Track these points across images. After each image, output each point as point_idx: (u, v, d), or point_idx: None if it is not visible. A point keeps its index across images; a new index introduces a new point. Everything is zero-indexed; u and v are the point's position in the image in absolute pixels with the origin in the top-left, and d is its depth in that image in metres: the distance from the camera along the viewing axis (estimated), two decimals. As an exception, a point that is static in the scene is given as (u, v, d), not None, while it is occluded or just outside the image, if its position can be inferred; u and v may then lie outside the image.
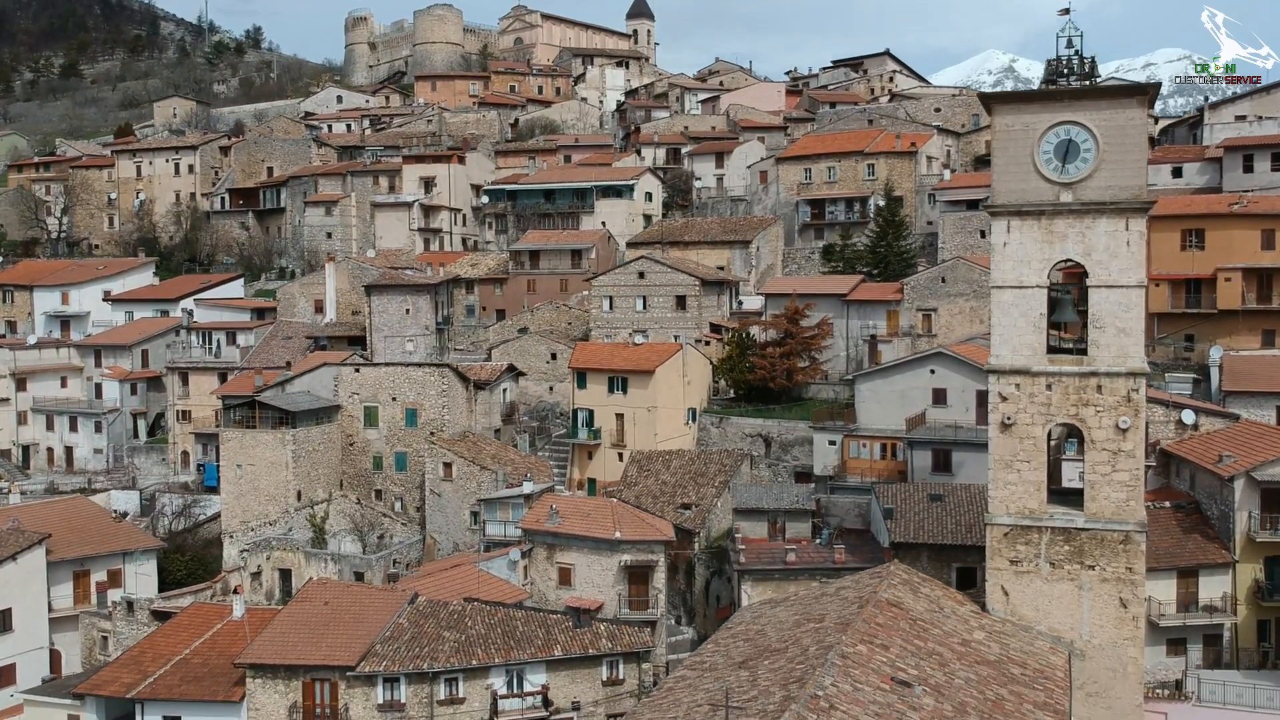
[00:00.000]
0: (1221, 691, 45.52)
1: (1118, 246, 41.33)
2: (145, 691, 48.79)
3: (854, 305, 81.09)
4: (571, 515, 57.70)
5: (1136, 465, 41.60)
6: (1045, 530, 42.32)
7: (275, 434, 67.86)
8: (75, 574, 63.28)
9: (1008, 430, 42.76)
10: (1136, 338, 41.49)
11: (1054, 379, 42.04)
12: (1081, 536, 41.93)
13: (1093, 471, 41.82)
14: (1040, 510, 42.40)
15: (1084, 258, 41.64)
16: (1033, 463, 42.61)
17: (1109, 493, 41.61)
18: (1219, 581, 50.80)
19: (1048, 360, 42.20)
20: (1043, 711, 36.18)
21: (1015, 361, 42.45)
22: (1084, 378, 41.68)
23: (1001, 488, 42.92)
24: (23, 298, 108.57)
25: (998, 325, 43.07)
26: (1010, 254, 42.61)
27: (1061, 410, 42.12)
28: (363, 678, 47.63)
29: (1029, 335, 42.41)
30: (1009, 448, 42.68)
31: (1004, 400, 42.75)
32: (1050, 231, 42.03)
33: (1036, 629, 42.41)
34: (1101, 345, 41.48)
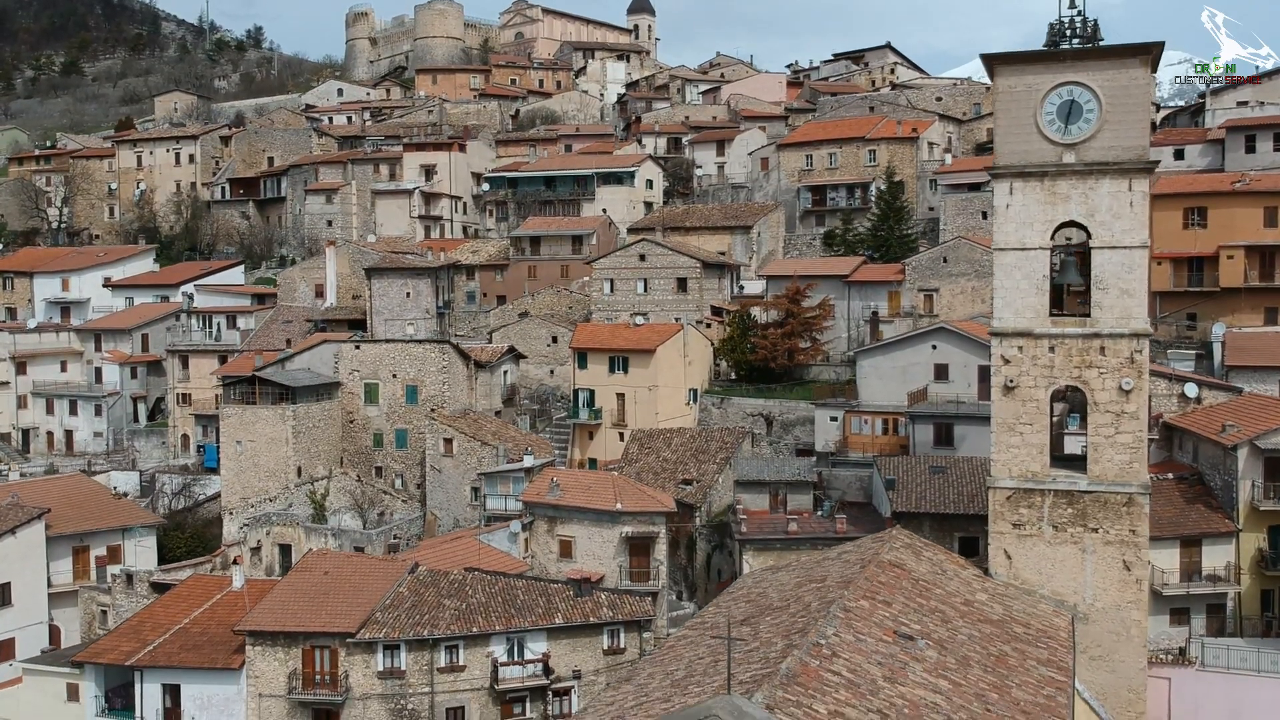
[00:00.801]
0: (1225, 656, 45.31)
1: (1120, 207, 41.18)
2: (144, 659, 48.62)
3: (855, 286, 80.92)
4: (572, 488, 57.52)
5: (1140, 427, 41.41)
6: (1048, 493, 42.15)
7: (275, 410, 67.67)
8: (75, 549, 63.11)
9: (1010, 393, 42.59)
10: (1139, 299, 41.32)
11: (1057, 341, 41.87)
12: (1084, 499, 41.77)
13: (1095, 434, 41.66)
14: (1043, 473, 42.23)
15: (1087, 219, 41.50)
16: (1035, 425, 42.45)
17: (1112, 455, 41.43)
18: (1222, 551, 50.59)
19: (1050, 322, 42.06)
20: (1046, 668, 35.99)
21: (1018, 324, 42.28)
22: (1087, 339, 41.51)
23: (1004, 451, 42.75)
24: (23, 284, 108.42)
25: (1000, 288, 42.90)
26: (1013, 216, 42.45)
27: (1064, 372, 41.95)
28: (363, 644, 47.44)
29: (1031, 297, 42.23)
30: (1011, 410, 42.51)
31: (1006, 363, 42.59)
32: (1053, 193, 41.87)
33: (1039, 592, 42.18)
34: (1104, 307, 41.30)
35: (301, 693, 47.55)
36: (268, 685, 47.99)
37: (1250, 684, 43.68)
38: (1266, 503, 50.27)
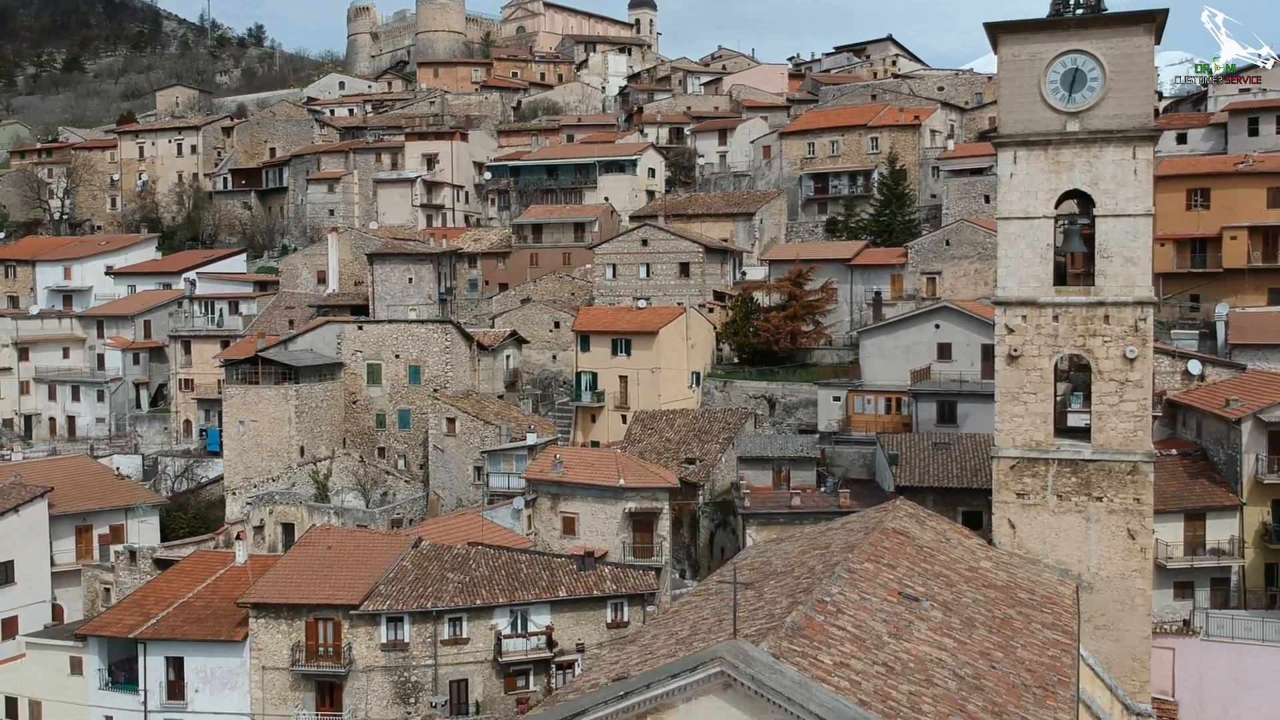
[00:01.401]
0: (1230, 626, 45.27)
1: (1125, 175, 41.11)
2: (147, 632, 48.61)
3: (858, 270, 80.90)
4: (575, 465, 57.50)
5: (1144, 395, 41.34)
6: (1052, 462, 42.07)
7: (278, 389, 67.66)
8: (78, 529, 63.14)
9: (1014, 362, 42.53)
10: (1144, 267, 41.23)
11: (1061, 310, 41.78)
12: (1089, 468, 41.68)
13: (1100, 402, 41.56)
14: (1047, 442, 42.16)
15: (1091, 187, 41.42)
16: (1039, 394, 42.38)
17: (1116, 423, 41.35)
18: (1226, 524, 50.55)
19: (1054, 291, 42.00)
20: (1051, 631, 35.95)
21: (1021, 293, 42.20)
22: (1091, 308, 41.42)
23: (1008, 420, 42.67)
24: (25, 273, 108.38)
25: (1004, 257, 42.83)
26: (1016, 185, 42.40)
27: (1068, 341, 41.89)
28: (366, 616, 47.44)
29: (1035, 266, 42.17)
30: (1015, 380, 42.45)
31: (1010, 332, 42.51)
32: (1057, 161, 41.79)
33: (1043, 562, 42.15)
34: (1109, 275, 41.22)
35: (305, 665, 47.56)
36: (271, 658, 47.99)
37: (1255, 653, 43.67)
38: (1270, 476, 50.27)
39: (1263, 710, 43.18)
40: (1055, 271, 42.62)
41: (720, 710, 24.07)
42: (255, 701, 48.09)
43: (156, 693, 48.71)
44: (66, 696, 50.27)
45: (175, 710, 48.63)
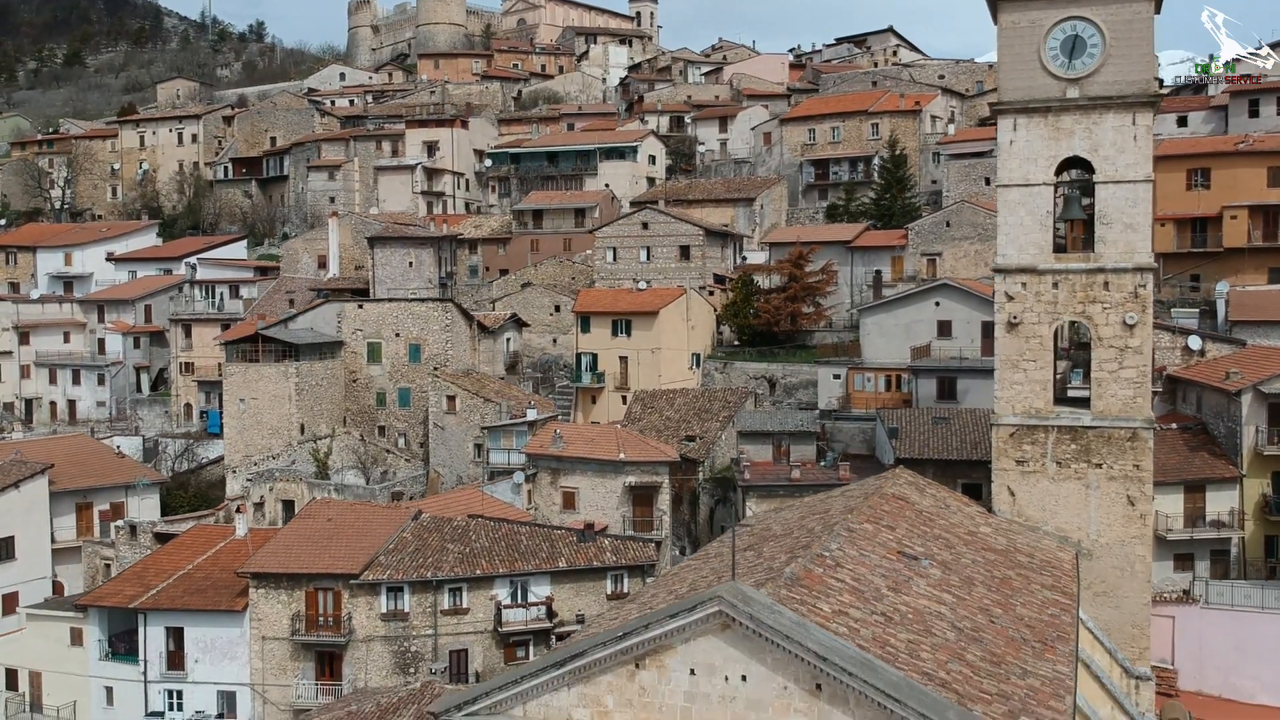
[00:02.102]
0: (1230, 594, 45.27)
1: (1124, 141, 41.15)
2: (148, 602, 48.65)
3: (858, 252, 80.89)
4: (575, 440, 57.52)
5: (1144, 361, 41.39)
6: (1052, 429, 42.12)
7: (278, 367, 67.68)
8: (78, 506, 63.15)
9: (1014, 330, 42.61)
10: (1143, 233, 41.28)
11: (1060, 277, 41.85)
12: (1088, 435, 41.73)
13: (1099, 369, 41.60)
14: (1047, 409, 42.22)
15: (1091, 154, 41.46)
16: (1039, 362, 42.45)
17: (1116, 390, 41.39)
18: (1226, 497, 50.55)
19: (1054, 258, 42.04)
20: (1050, 592, 35.97)
21: (1021, 260, 42.26)
22: (1091, 274, 41.48)
23: (1007, 388, 42.73)
24: (25, 259, 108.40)
25: (1004, 224, 42.88)
26: (1016, 152, 42.45)
27: (1068, 308, 41.95)
28: (366, 586, 47.45)
29: (1035, 233, 42.22)
30: (1015, 347, 42.51)
31: (1010, 299, 42.59)
32: (1057, 128, 41.85)
33: (1043, 529, 42.18)
34: (1108, 241, 41.29)
35: (304, 634, 47.59)
36: (271, 628, 48.02)
37: (1254, 620, 43.69)
38: (1270, 448, 50.27)
39: (1263, 677, 43.23)
40: (1054, 244, 42.76)
41: (718, 650, 24.11)
42: (255, 671, 48.14)
43: (156, 663, 48.75)
44: (67, 667, 50.32)
45: (175, 680, 48.66)
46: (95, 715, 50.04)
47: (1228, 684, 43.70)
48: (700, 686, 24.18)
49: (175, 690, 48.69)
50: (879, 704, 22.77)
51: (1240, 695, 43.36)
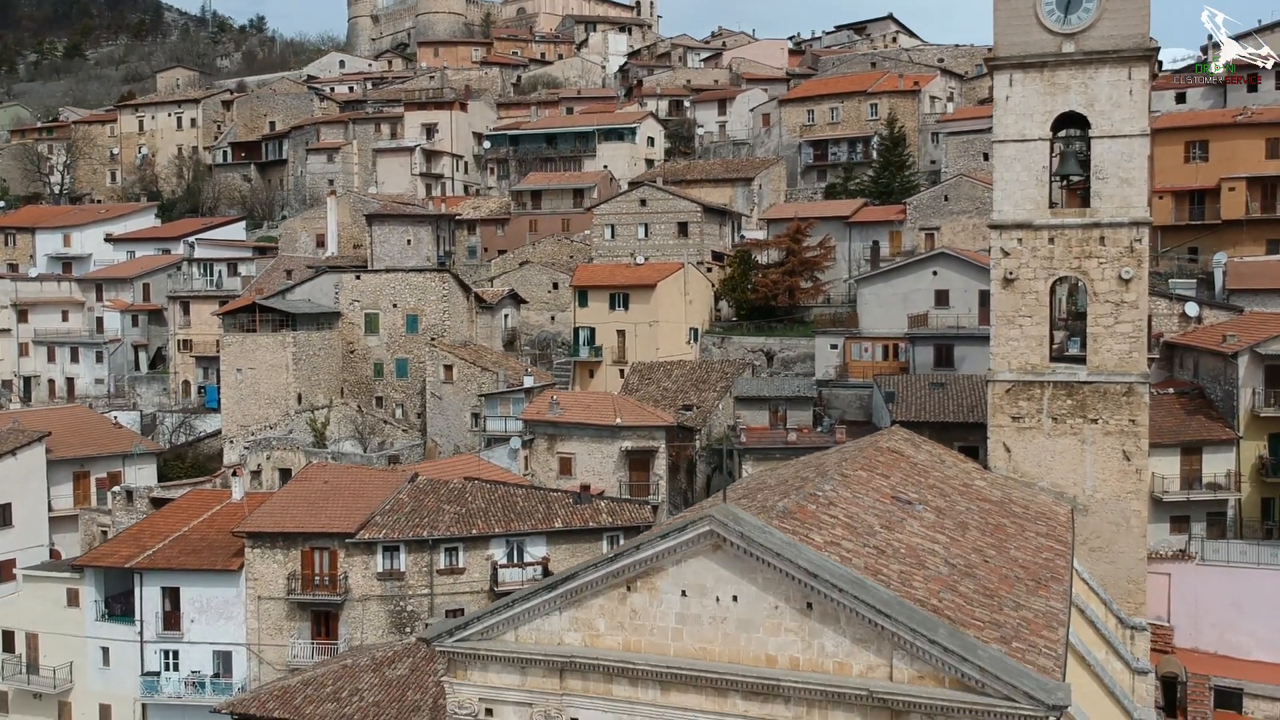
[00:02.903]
0: (1225, 550, 45.24)
1: (1120, 96, 41.10)
2: (144, 562, 48.60)
3: (856, 228, 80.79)
4: (572, 406, 57.51)
5: (1139, 316, 41.40)
6: (1048, 385, 42.11)
7: (275, 336, 67.61)
8: (75, 475, 63.19)
9: (1009, 286, 42.61)
10: (1139, 188, 41.28)
11: (1056, 232, 41.85)
12: (1084, 390, 41.71)
13: (1095, 324, 41.62)
14: (1042, 365, 42.22)
15: (1086, 109, 41.40)
16: (1035, 318, 42.43)
17: (1112, 345, 41.39)
18: (1223, 459, 50.48)
19: (1050, 213, 42.02)
20: (1045, 539, 35.95)
21: (1017, 216, 42.25)
22: (1087, 229, 41.48)
23: (1003, 344, 42.73)
24: (24, 240, 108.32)
25: (999, 180, 42.88)
26: (1012, 108, 42.40)
27: (1064, 263, 41.95)
28: (362, 545, 47.42)
29: (1031, 189, 42.20)
30: (1011, 303, 42.51)
31: (1006, 255, 42.58)
32: (1052, 83, 41.83)
33: (1038, 485, 42.17)
34: (1104, 196, 41.27)
35: (300, 594, 47.55)
36: (267, 587, 48.00)
37: (1250, 576, 43.66)
38: (1267, 410, 50.23)
39: (1258, 633, 43.20)
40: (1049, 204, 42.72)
41: (709, 571, 24.13)
42: (251, 631, 48.11)
43: (153, 623, 48.72)
44: (63, 629, 50.30)
45: (171, 640, 48.64)
46: (91, 676, 50.04)
47: (1223, 640, 43.68)
48: (691, 608, 24.20)
49: (171, 650, 48.67)
50: (870, 621, 22.80)
51: (1236, 651, 43.35)
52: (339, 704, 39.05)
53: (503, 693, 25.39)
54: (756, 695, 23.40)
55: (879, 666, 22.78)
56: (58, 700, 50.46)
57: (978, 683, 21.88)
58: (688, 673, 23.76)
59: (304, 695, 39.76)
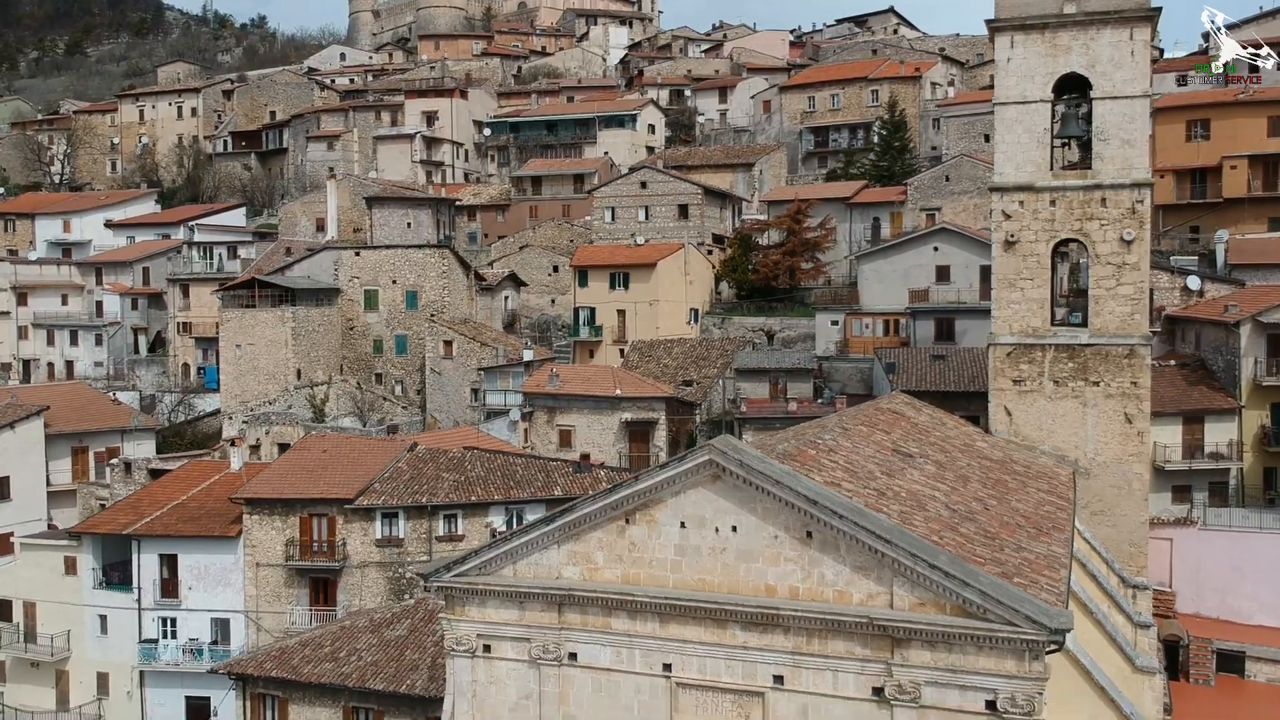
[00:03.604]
0: (1227, 516, 45.05)
1: (1122, 57, 40.92)
2: (142, 529, 48.41)
3: (857, 209, 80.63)
4: (572, 379, 57.38)
5: (1141, 278, 41.17)
6: (1049, 348, 41.90)
7: (275, 312, 67.43)
8: (74, 450, 63.06)
9: (1011, 248, 42.41)
10: (1141, 149, 41.10)
11: (1058, 194, 41.63)
12: (1085, 353, 41.51)
13: (1097, 286, 41.42)
14: (1044, 328, 42.03)
15: (1088, 70, 41.20)
16: (1036, 280, 42.24)
17: (1113, 307, 41.20)
18: (1225, 428, 50.32)
19: (1051, 175, 41.82)
20: (1047, 495, 35.78)
21: (1019, 178, 42.03)
22: (1088, 191, 41.26)
23: (1004, 307, 42.52)
24: (24, 226, 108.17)
25: (1001, 143, 42.70)
26: (1014, 70, 42.23)
27: (1065, 225, 41.74)
28: (361, 511, 47.24)
29: (1033, 151, 42.00)
30: (1012, 266, 42.31)
31: (1007, 218, 42.37)
32: (1054, 44, 41.65)
33: (1040, 448, 41.97)
34: (1106, 158, 41.07)
35: (299, 560, 47.37)
36: (265, 554, 47.84)
37: (1252, 540, 43.45)
38: (1269, 379, 50.03)
39: (1260, 597, 42.99)
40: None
41: (709, 502, 23.95)
42: (249, 598, 47.95)
43: (150, 590, 48.54)
44: (60, 597, 50.11)
45: (169, 608, 48.46)
46: (89, 644, 49.85)
47: (1225, 605, 43.46)
48: (690, 539, 24.02)
49: (169, 618, 48.50)
50: (870, 548, 22.63)
51: (1238, 616, 43.13)
52: (337, 664, 38.88)
53: (500, 628, 25.20)
54: (756, 625, 23.21)
55: (879, 594, 22.60)
56: (55, 669, 50.27)
57: (979, 608, 21.69)
58: (687, 604, 23.57)
59: (302, 655, 39.61)
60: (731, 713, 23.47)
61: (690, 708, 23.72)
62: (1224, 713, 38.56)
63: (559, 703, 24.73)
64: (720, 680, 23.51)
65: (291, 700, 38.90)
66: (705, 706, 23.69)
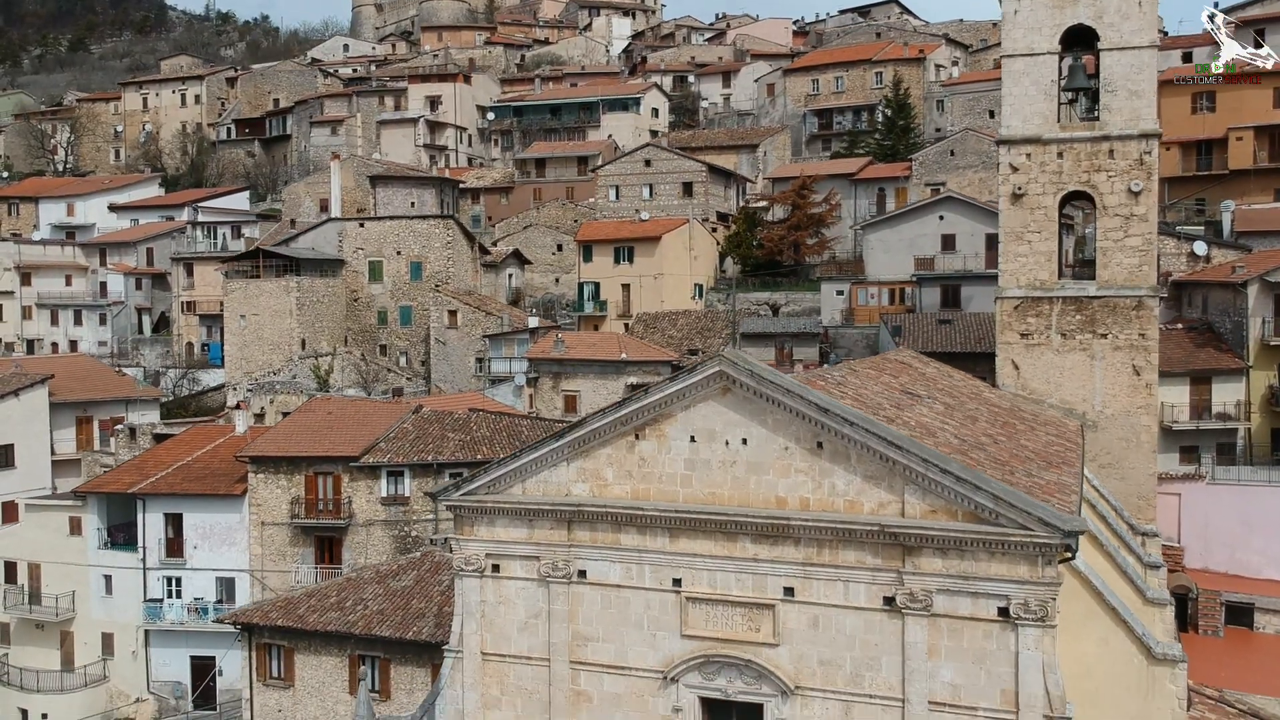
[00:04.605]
0: (1236, 471, 44.89)
1: (1129, 7, 40.75)
2: (146, 489, 48.32)
3: (862, 185, 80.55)
4: (577, 345, 57.28)
5: (1149, 229, 41.01)
6: (1056, 300, 41.73)
7: (279, 282, 67.36)
8: (78, 420, 62.95)
9: (1018, 201, 42.22)
10: (1148, 100, 40.91)
11: (1065, 146, 41.42)
12: (1093, 305, 41.35)
13: (1104, 238, 41.21)
14: (1051, 281, 41.83)
15: (1095, 21, 41.01)
16: (1043, 233, 42.04)
17: (1121, 259, 41.02)
18: (1233, 389, 50.20)
19: (1059, 127, 41.69)
20: (1056, 438, 35.65)
21: (1026, 130, 41.85)
22: (1096, 142, 41.07)
23: (1011, 260, 42.33)
24: (28, 210, 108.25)
25: (1008, 95, 42.51)
26: (1021, 21, 42.05)
27: (1073, 178, 41.54)
28: (366, 469, 47.13)
29: (1040, 103, 41.83)
30: (1019, 219, 42.14)
31: (1014, 171, 42.22)
32: (1061, -5, 41.52)
33: (1048, 402, 41.83)
34: (1113, 109, 40.87)
35: (304, 519, 47.25)
36: (270, 513, 47.74)
37: (1260, 494, 43.30)
38: (1277, 338, 49.86)
39: (1269, 551, 42.83)
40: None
41: (719, 415, 23.80)
42: (254, 557, 47.85)
43: (155, 550, 48.44)
44: (65, 558, 50.01)
45: (174, 567, 48.36)
46: (94, 604, 49.76)
47: (1234, 559, 43.27)
48: (700, 453, 23.88)
49: (174, 577, 48.40)
50: (881, 456, 22.50)
51: (1247, 570, 42.94)
52: (343, 612, 38.74)
53: (510, 546, 25.06)
54: (766, 537, 23.07)
55: (890, 503, 22.47)
56: (60, 629, 50.18)
57: (991, 513, 21.56)
58: (696, 517, 23.43)
59: (308, 605, 39.46)
60: (741, 626, 23.31)
61: (700, 622, 23.57)
62: (1233, 663, 38.37)
63: (568, 620, 24.59)
64: (730, 593, 23.35)
65: (297, 650, 38.77)
66: (715, 620, 23.53)
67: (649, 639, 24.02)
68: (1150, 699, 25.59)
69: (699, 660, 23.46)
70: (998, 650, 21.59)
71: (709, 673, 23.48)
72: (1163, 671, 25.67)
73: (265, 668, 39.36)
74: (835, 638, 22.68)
